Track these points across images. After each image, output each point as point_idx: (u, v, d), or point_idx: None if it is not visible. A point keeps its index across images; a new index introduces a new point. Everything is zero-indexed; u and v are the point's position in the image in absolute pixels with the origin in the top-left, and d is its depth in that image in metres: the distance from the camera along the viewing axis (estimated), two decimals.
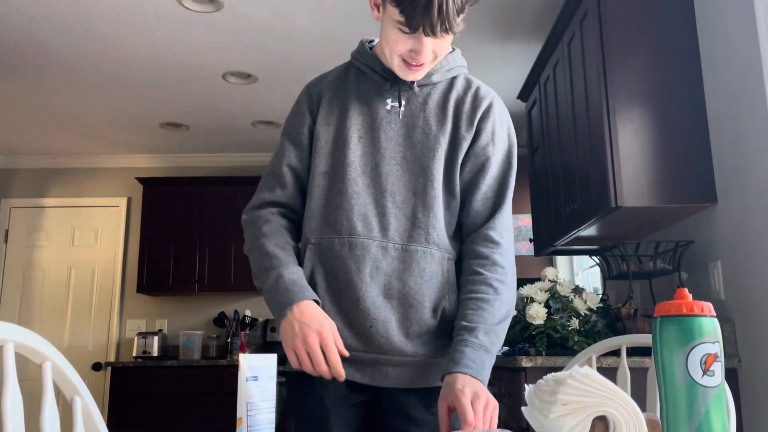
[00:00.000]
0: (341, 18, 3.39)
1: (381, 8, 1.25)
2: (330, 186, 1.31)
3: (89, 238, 5.66)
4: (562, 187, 3.05)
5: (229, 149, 5.67)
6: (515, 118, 4.84)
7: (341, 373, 1.16)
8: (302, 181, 1.37)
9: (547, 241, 3.36)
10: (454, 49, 1.38)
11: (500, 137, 1.36)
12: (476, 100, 1.36)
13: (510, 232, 1.34)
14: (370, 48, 1.39)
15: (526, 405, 0.78)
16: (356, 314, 1.27)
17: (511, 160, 1.37)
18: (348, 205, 1.29)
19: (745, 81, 2.16)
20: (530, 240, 4.00)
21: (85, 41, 3.66)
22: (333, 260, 1.28)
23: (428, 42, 1.21)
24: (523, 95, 3.77)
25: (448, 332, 1.32)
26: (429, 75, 1.33)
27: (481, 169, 1.33)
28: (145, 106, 4.66)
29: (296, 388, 1.32)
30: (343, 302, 1.28)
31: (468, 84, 1.38)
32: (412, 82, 1.32)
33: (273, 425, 0.93)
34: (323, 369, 1.15)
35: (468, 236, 1.33)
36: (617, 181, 2.38)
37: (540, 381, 0.78)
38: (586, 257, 4.04)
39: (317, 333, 1.15)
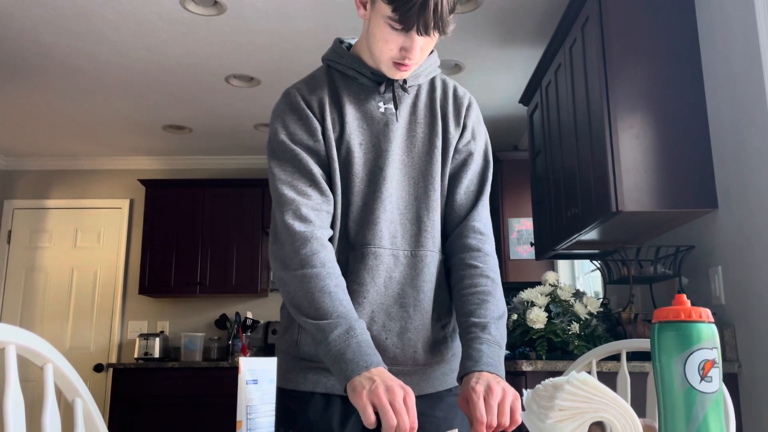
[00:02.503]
0: (344, 21, 3.40)
1: (368, 5, 1.22)
2: (340, 200, 1.28)
3: (92, 240, 5.67)
4: (563, 191, 3.05)
5: (232, 152, 5.68)
6: (517, 122, 4.87)
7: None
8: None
9: (548, 245, 3.36)
10: (432, 51, 1.38)
11: (479, 133, 1.39)
12: (457, 99, 1.37)
13: (490, 222, 1.36)
14: (348, 48, 1.35)
15: (524, 410, 0.79)
16: (371, 327, 1.25)
17: (488, 155, 1.40)
18: (358, 218, 1.27)
19: (746, 87, 2.16)
20: (531, 244, 4.00)
21: (88, 44, 3.67)
22: (347, 274, 1.25)
23: (419, 40, 1.19)
24: (525, 99, 3.78)
25: (444, 335, 1.32)
26: (416, 76, 1.32)
27: (464, 164, 1.35)
28: (147, 109, 4.68)
29: (287, 404, 1.27)
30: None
31: (444, 84, 1.39)
32: (404, 82, 1.31)
33: (273, 428, 0.93)
34: (404, 420, 1.00)
35: (453, 230, 1.34)
36: (618, 185, 2.38)
37: (538, 386, 0.78)
38: (587, 261, 4.04)
39: (401, 388, 1.03)
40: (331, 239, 1.26)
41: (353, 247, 1.27)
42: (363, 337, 1.11)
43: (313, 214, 1.22)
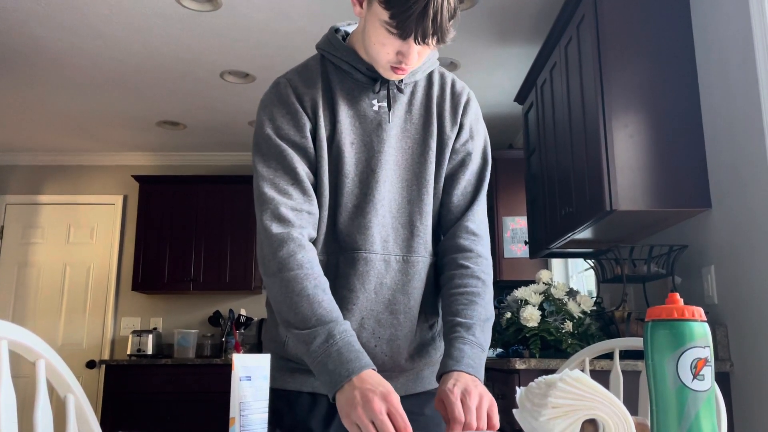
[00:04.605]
0: (340, 18, 3.39)
1: (365, 4, 1.17)
2: (329, 200, 1.24)
3: (85, 236, 5.65)
4: (557, 190, 3.06)
5: (226, 148, 5.67)
6: (512, 120, 4.87)
7: None
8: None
9: (542, 244, 3.36)
10: None
11: (478, 132, 1.34)
12: (455, 96, 1.33)
13: (486, 222, 1.33)
14: (343, 38, 1.30)
15: (516, 408, 0.79)
16: (360, 333, 1.23)
17: (486, 155, 1.35)
18: (348, 220, 1.24)
19: (740, 86, 2.17)
20: (525, 242, 4.00)
21: (82, 39, 3.65)
22: (336, 278, 1.23)
23: (417, 47, 1.15)
24: (520, 98, 3.78)
25: (432, 335, 1.32)
26: (412, 73, 1.27)
27: (462, 164, 1.31)
28: (142, 105, 4.66)
29: (275, 403, 1.25)
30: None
31: (443, 79, 1.33)
32: (400, 82, 1.27)
33: (266, 425, 0.93)
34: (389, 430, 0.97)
35: (447, 230, 1.31)
36: (612, 184, 2.39)
37: (531, 384, 0.79)
38: (581, 260, 4.05)
39: (382, 397, 0.99)
40: (315, 241, 1.23)
41: (343, 250, 1.24)
42: (343, 343, 1.08)
43: (293, 215, 1.18)
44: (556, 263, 4.55)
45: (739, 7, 2.17)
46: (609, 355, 2.33)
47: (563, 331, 2.57)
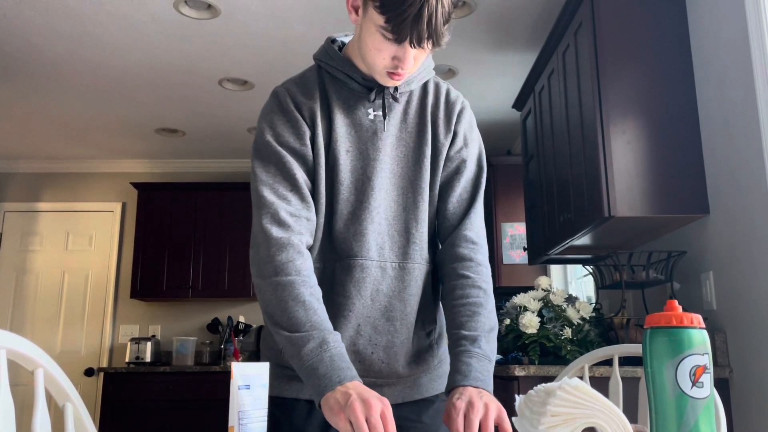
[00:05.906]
0: (337, 25, 3.40)
1: (361, 11, 1.18)
2: (325, 208, 1.26)
3: (83, 243, 5.65)
4: (556, 196, 3.06)
5: (225, 155, 5.67)
6: (510, 127, 4.88)
7: None
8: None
9: (541, 250, 3.36)
10: None
11: (472, 140, 1.35)
12: (449, 104, 1.34)
13: (483, 230, 1.33)
14: (339, 49, 1.32)
15: (516, 415, 0.79)
16: (357, 340, 1.23)
17: (482, 163, 1.36)
18: (344, 227, 1.24)
19: (737, 93, 2.18)
20: (524, 249, 4.01)
21: (80, 46, 3.66)
22: (333, 285, 1.24)
23: (412, 51, 1.16)
24: (518, 104, 3.79)
25: (429, 342, 1.32)
26: (408, 82, 1.29)
27: (457, 171, 1.32)
28: (140, 112, 4.67)
29: (272, 410, 1.25)
30: (343, 329, 1.22)
31: (437, 88, 1.35)
32: (395, 90, 1.28)
33: None
34: None
35: (445, 239, 1.31)
36: (610, 190, 2.39)
37: (530, 392, 0.79)
38: (580, 266, 4.05)
39: (379, 400, 0.99)
40: (311, 248, 1.23)
41: (339, 257, 1.24)
42: (336, 351, 1.07)
43: (292, 220, 1.18)
44: (554, 269, 4.55)
45: (736, 14, 2.18)
46: (608, 362, 2.33)
47: (562, 337, 2.57)
